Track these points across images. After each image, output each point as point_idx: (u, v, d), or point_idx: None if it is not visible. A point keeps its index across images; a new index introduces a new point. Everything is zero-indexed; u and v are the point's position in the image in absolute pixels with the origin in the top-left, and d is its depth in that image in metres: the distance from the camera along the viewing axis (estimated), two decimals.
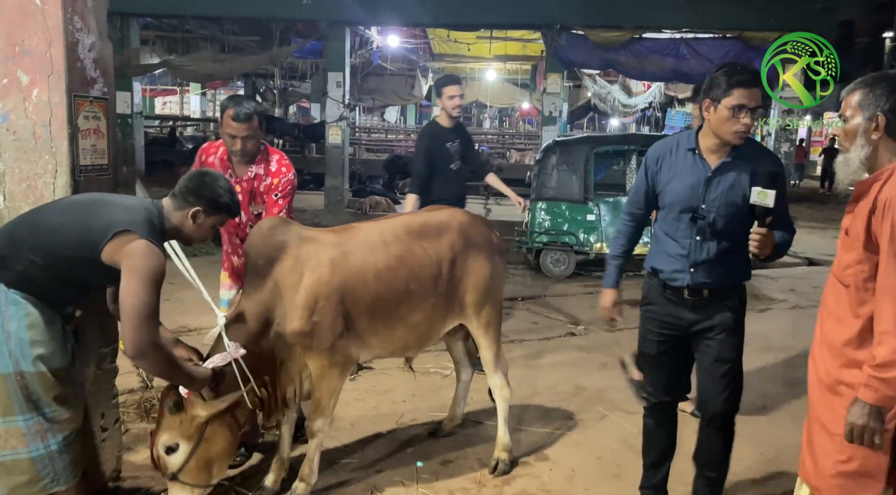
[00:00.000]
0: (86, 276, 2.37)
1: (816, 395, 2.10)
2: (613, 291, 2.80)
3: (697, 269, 2.53)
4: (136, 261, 2.21)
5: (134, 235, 2.24)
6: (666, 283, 2.59)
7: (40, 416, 2.28)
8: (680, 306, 2.58)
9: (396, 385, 4.33)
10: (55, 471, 2.32)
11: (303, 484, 2.90)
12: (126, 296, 2.19)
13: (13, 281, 2.26)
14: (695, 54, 10.62)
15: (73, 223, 2.28)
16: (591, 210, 8.24)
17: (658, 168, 2.63)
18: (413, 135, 22.44)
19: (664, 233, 2.62)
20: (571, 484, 3.18)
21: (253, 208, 3.20)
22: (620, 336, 5.65)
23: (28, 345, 2.23)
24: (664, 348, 2.66)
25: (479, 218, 3.37)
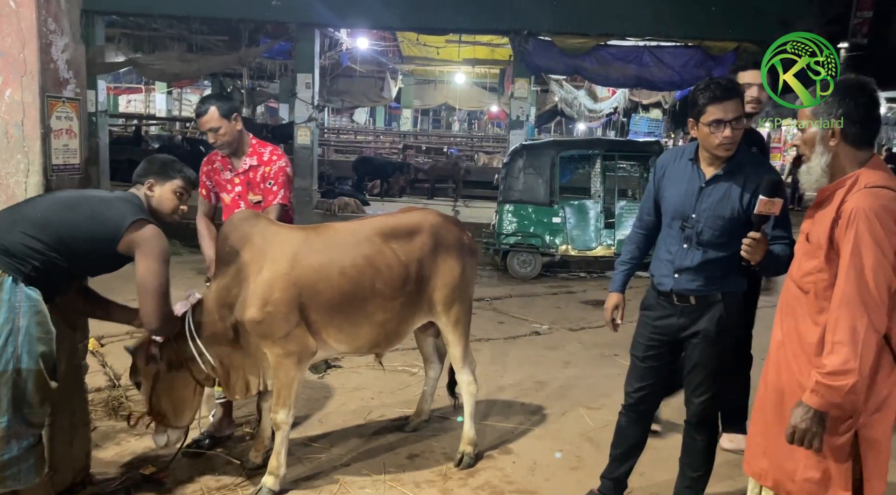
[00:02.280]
0: (93, 268, 2.59)
1: (775, 398, 2.13)
2: (616, 295, 2.86)
3: (681, 275, 2.59)
4: (152, 245, 2.50)
5: (144, 222, 2.52)
6: (657, 288, 2.69)
7: (21, 417, 2.31)
8: (670, 311, 2.65)
9: (365, 382, 4.41)
10: (19, 471, 2.35)
11: (272, 477, 2.97)
12: (148, 277, 2.48)
13: (31, 276, 2.32)
14: (657, 62, 10.90)
15: (87, 219, 2.47)
16: (556, 212, 8.41)
17: (662, 174, 2.71)
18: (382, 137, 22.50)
19: (660, 239, 2.73)
20: (533, 475, 3.30)
21: (252, 197, 3.40)
22: (583, 335, 5.83)
23: (35, 342, 2.30)
24: (651, 353, 2.74)
25: (450, 219, 3.48)
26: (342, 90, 19.30)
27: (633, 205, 8.45)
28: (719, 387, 2.69)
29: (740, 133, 2.48)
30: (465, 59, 18.16)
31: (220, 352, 2.96)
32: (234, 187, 3.49)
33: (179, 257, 8.31)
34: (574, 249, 8.42)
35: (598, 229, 8.44)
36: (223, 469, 3.21)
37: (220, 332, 2.94)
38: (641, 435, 2.90)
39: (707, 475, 2.78)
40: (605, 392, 4.42)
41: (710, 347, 2.62)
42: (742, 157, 2.56)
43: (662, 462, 3.32)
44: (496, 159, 16.93)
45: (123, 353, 3.59)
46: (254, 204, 3.42)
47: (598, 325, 6.12)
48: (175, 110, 25.29)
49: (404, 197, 14.98)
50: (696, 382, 2.68)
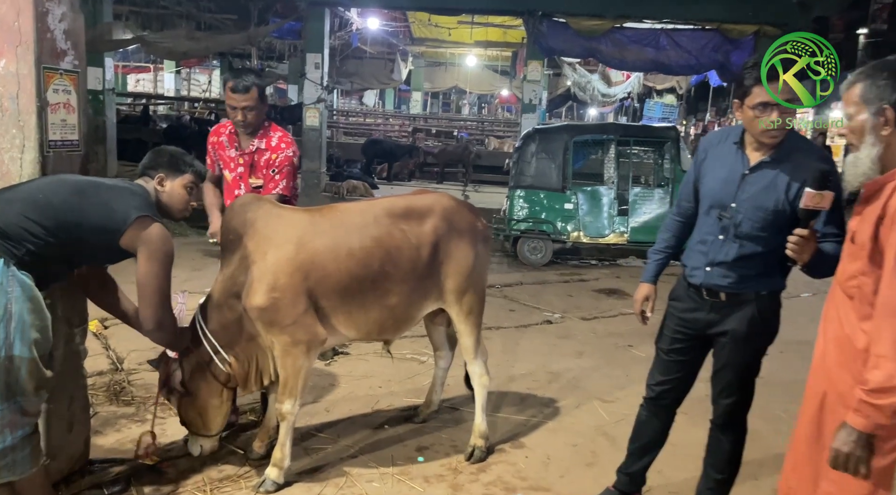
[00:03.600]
0: (91, 258, 2.46)
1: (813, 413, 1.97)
2: (647, 286, 2.69)
3: (713, 269, 2.42)
4: (157, 247, 2.38)
5: (150, 219, 2.39)
6: (688, 281, 2.53)
7: (15, 405, 2.20)
8: (699, 306, 2.50)
9: (373, 370, 4.30)
10: (14, 462, 2.24)
11: (275, 469, 2.86)
12: (148, 279, 2.37)
13: (24, 260, 2.19)
14: (674, 45, 10.65)
15: (94, 207, 2.34)
16: (569, 199, 8.26)
17: (704, 157, 2.51)
18: (391, 120, 22.31)
19: (696, 227, 2.55)
20: (547, 471, 3.19)
21: (252, 181, 3.29)
22: (596, 325, 5.70)
23: (28, 329, 2.18)
24: (676, 347, 2.59)
25: (464, 203, 3.34)
26: (352, 72, 19.11)
27: (647, 193, 8.29)
28: (748, 390, 2.54)
29: (790, 117, 2.28)
30: (476, 42, 17.89)
31: (234, 345, 2.85)
32: (236, 167, 3.37)
33: (185, 238, 8.22)
34: (586, 236, 8.27)
35: (611, 216, 8.27)
36: (226, 458, 3.11)
37: (232, 325, 2.83)
38: (662, 430, 2.77)
39: (732, 478, 2.65)
40: (620, 384, 4.29)
41: (739, 348, 2.46)
42: (793, 143, 2.35)
43: (682, 459, 3.19)
44: (507, 144, 16.74)
45: (127, 336, 3.51)
46: (253, 188, 3.30)
47: (611, 315, 5.99)
48: (183, 90, 25.13)
49: (413, 181, 14.83)
50: (724, 383, 2.52)
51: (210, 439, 2.93)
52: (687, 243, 2.61)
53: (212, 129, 3.49)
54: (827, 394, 1.94)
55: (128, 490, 2.79)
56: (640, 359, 4.77)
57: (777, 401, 3.77)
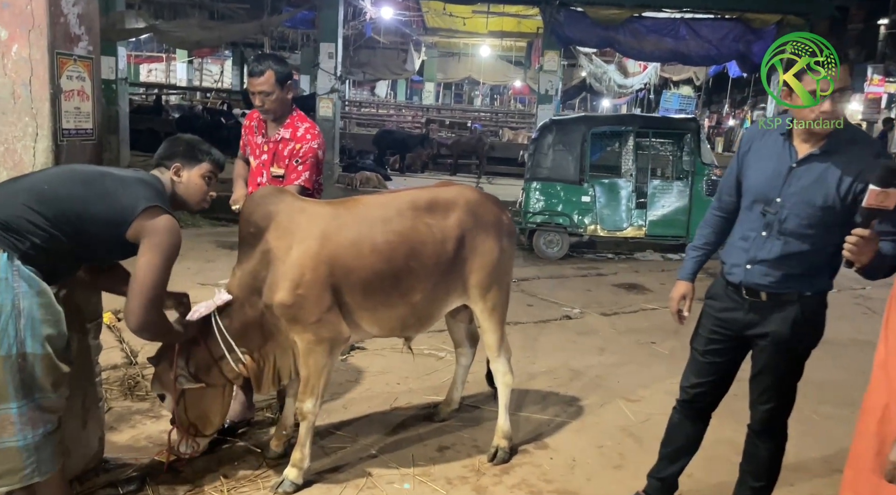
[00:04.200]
0: (101, 252, 2.33)
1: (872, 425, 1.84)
2: (685, 284, 2.55)
3: (755, 267, 2.30)
4: (161, 238, 2.24)
5: (159, 210, 2.27)
6: (726, 278, 2.41)
7: (33, 403, 2.13)
8: (737, 305, 2.37)
9: (390, 366, 4.21)
10: (38, 461, 2.17)
11: (295, 469, 2.78)
12: (144, 271, 2.22)
13: (29, 254, 2.10)
14: (694, 35, 10.45)
15: (98, 197, 2.22)
16: (586, 191, 8.12)
17: (748, 149, 2.37)
18: (404, 111, 22.17)
19: (737, 222, 2.43)
20: (573, 473, 3.08)
21: (274, 170, 3.22)
22: (617, 320, 5.58)
23: (40, 325, 2.09)
24: (712, 347, 2.47)
25: (489, 196, 3.23)
26: (364, 62, 18.98)
27: (666, 185, 8.14)
28: (789, 395, 2.42)
29: (843, 107, 2.14)
30: (491, 32, 17.69)
31: (250, 344, 2.74)
32: (261, 154, 3.31)
33: (198, 229, 8.15)
34: (603, 229, 8.14)
35: (629, 209, 8.14)
36: (243, 457, 3.03)
37: (250, 322, 2.71)
38: (696, 434, 2.65)
39: (770, 486, 2.53)
40: (644, 382, 4.18)
41: (780, 352, 2.32)
42: (847, 134, 2.20)
43: (713, 462, 3.09)
44: (521, 135, 16.59)
45: None
46: (274, 177, 3.22)
47: (631, 310, 5.86)
48: (196, 80, 25.10)
49: (427, 172, 14.72)
50: (762, 388, 2.40)
51: (205, 439, 2.80)
52: (728, 239, 2.48)
53: (247, 113, 3.49)
54: (889, 406, 1.81)
55: (143, 489, 2.71)
56: (664, 356, 4.66)
57: (808, 402, 3.64)
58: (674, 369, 4.33)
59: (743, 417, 2.56)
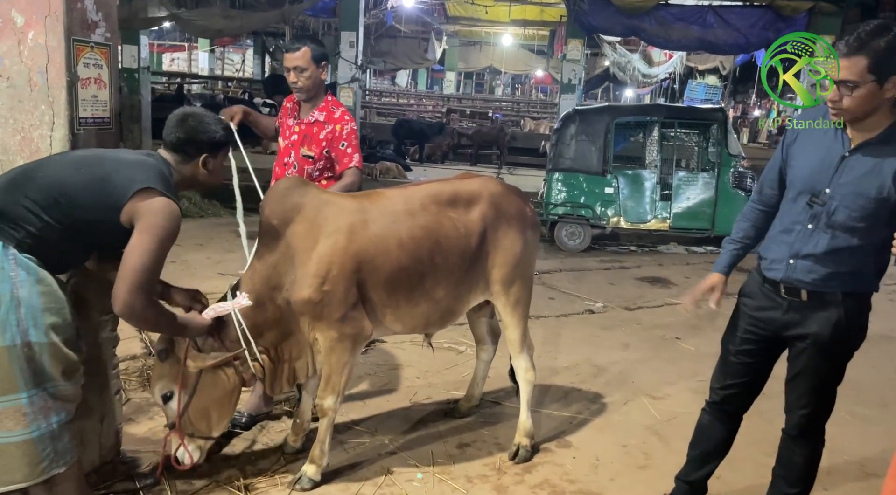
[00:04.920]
0: (98, 239, 2.22)
1: None
2: (718, 276, 2.41)
3: (797, 263, 2.17)
4: (154, 220, 2.10)
5: (154, 192, 2.12)
6: (764, 275, 2.27)
7: (44, 392, 2.09)
8: (774, 304, 2.25)
9: (410, 360, 4.15)
10: (55, 452, 2.14)
11: (313, 466, 2.73)
12: (132, 253, 2.07)
13: (25, 243, 2.05)
14: (722, 23, 10.20)
15: (91, 181, 2.12)
16: (609, 182, 8.00)
17: (794, 138, 2.24)
18: (425, 100, 22.05)
19: (777, 216, 2.31)
20: (596, 473, 3.00)
21: (304, 151, 3.22)
22: (641, 315, 5.47)
23: (41, 314, 2.04)
24: (745, 348, 2.35)
25: (512, 188, 3.14)
26: (385, 51, 18.87)
27: (691, 177, 7.98)
28: (828, 399, 2.31)
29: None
30: (513, 20, 17.48)
31: (268, 341, 2.66)
32: (291, 134, 3.28)
33: (219, 219, 8.17)
34: (626, 222, 8.00)
35: (654, 201, 7.99)
36: (260, 452, 2.99)
37: (268, 318, 2.63)
38: (726, 437, 2.55)
39: (805, 493, 2.43)
40: (670, 379, 4.08)
41: (820, 355, 2.21)
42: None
43: (742, 463, 2.99)
44: (543, 125, 16.40)
45: None
46: (304, 157, 3.21)
47: (655, 305, 5.75)
48: (217, 69, 25.18)
49: (447, 162, 14.62)
50: (800, 392, 2.29)
51: (210, 441, 2.63)
52: (768, 233, 2.36)
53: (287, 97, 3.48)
54: None
55: (159, 482, 2.68)
56: (689, 353, 4.55)
57: (842, 403, 3.50)
58: (699, 366, 4.25)
59: (771, 416, 2.48)
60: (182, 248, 6.70)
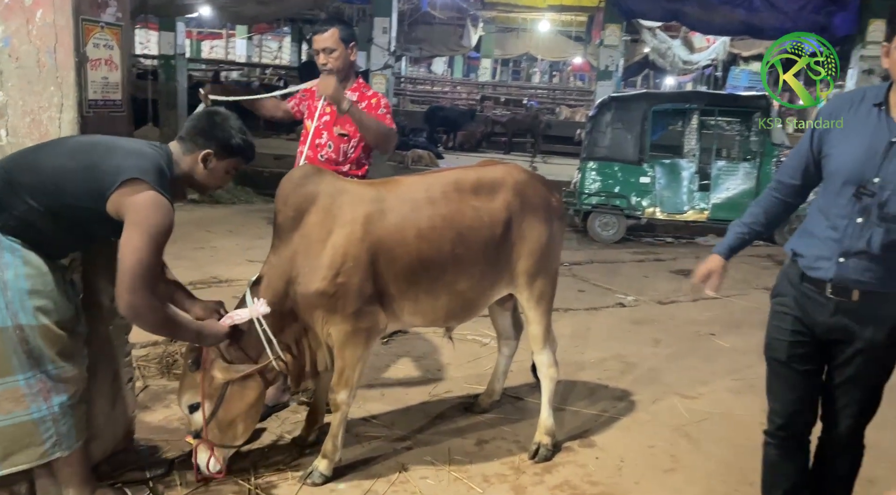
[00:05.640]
0: (89, 228, 2.16)
1: None
2: (718, 258, 2.26)
3: (849, 261, 1.98)
4: (142, 215, 2.01)
5: (143, 185, 2.03)
6: (805, 273, 2.08)
7: (42, 374, 2.08)
8: (818, 305, 2.05)
9: (431, 351, 4.06)
10: (58, 435, 2.13)
11: (325, 460, 2.65)
12: (126, 251, 2.00)
13: (8, 225, 2.03)
14: (768, 6, 9.75)
15: (80, 168, 2.06)
16: (645, 172, 7.78)
17: (830, 125, 2.05)
18: (459, 88, 21.84)
19: (817, 210, 2.10)
20: (620, 475, 2.87)
21: (337, 129, 3.17)
22: (675, 309, 5.27)
23: (27, 296, 2.03)
24: (798, 352, 2.12)
25: (537, 176, 3.02)
26: (420, 38, 18.69)
27: (731, 167, 7.70)
28: (875, 404, 2.12)
29: None
30: (550, 6, 17.12)
31: (288, 337, 2.57)
32: (322, 115, 3.21)
33: (250, 205, 8.18)
34: (663, 212, 7.77)
35: (691, 191, 7.74)
36: (274, 444, 2.93)
37: (288, 314, 2.53)
38: (800, 468, 2.25)
39: None
40: (703, 378, 3.90)
41: (873, 361, 2.03)
42: None
43: None
44: (579, 113, 16.08)
45: None
46: (338, 136, 3.15)
47: (690, 299, 5.53)
48: (255, 57, 25.35)
49: (480, 150, 14.46)
50: (848, 400, 2.09)
51: (232, 449, 2.59)
52: (802, 229, 2.16)
53: None
54: None
55: (170, 473, 2.64)
56: (725, 350, 4.35)
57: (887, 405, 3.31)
58: (735, 364, 4.06)
59: None
60: (213, 235, 6.72)
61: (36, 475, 2.26)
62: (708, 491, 2.81)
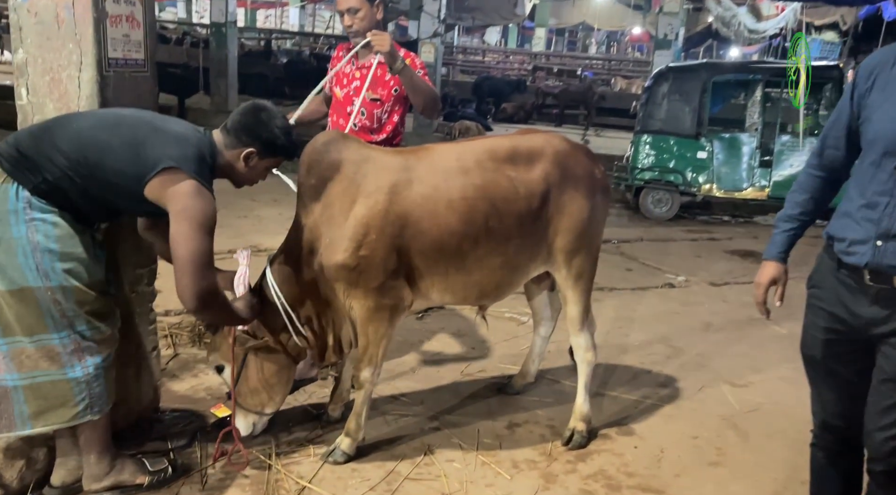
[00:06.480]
0: (121, 203, 2.13)
1: None
2: (774, 265, 2.04)
3: (889, 243, 1.72)
4: (186, 204, 2.00)
5: (183, 174, 2.01)
6: (841, 260, 1.84)
7: (77, 334, 2.07)
8: (857, 295, 1.80)
9: (467, 328, 3.92)
10: (91, 396, 2.12)
11: (348, 439, 2.56)
12: (179, 244, 1.99)
13: (40, 189, 2.00)
14: None
15: (122, 146, 2.02)
16: (702, 147, 7.40)
17: (870, 85, 1.77)
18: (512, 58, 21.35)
19: (853, 186, 1.83)
20: (659, 467, 2.69)
21: (370, 95, 3.04)
22: (728, 292, 5.00)
23: (58, 259, 2.01)
24: (836, 350, 1.90)
25: (580, 147, 2.80)
26: (472, 6, 18.28)
27: (796, 143, 7.24)
28: None
29: None
30: None
31: (309, 311, 2.49)
32: (351, 82, 3.08)
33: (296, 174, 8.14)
34: (720, 189, 7.39)
35: (752, 168, 7.34)
36: (299, 419, 2.85)
37: (309, 286, 2.45)
38: (848, 477, 2.04)
39: None
40: (755, 366, 3.66)
41: None
42: None
43: None
44: (635, 85, 15.52)
45: None
46: (370, 100, 3.02)
47: (745, 281, 5.23)
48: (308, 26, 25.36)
49: (530, 122, 14.11)
50: (886, 404, 1.78)
51: (266, 416, 2.57)
52: (839, 209, 1.89)
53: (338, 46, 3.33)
54: None
55: (192, 444, 2.59)
56: (781, 336, 4.07)
57: None
58: (790, 352, 3.74)
59: None
60: (257, 203, 6.72)
61: (58, 436, 2.24)
62: (755, 488, 2.61)
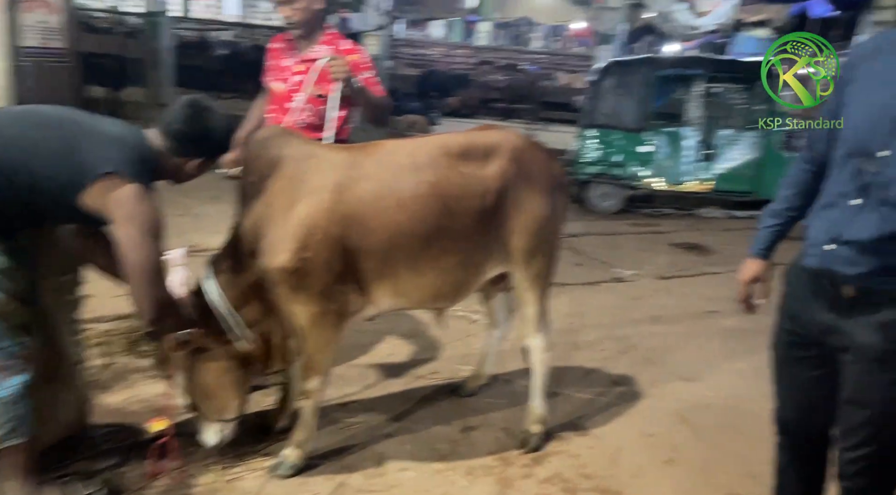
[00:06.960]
0: (47, 211, 1.97)
1: None
2: (757, 262, 1.95)
3: (841, 248, 1.61)
4: (132, 210, 1.88)
5: (121, 179, 1.88)
6: (801, 261, 1.76)
7: (1, 352, 1.91)
8: (815, 299, 1.70)
9: (418, 329, 3.82)
10: (16, 418, 1.96)
11: (296, 451, 2.44)
12: (130, 252, 1.88)
13: None
14: None
15: (52, 149, 1.86)
16: (646, 140, 7.49)
17: (853, 76, 1.64)
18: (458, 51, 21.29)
19: (825, 183, 1.72)
20: (616, 467, 2.66)
21: (314, 90, 2.81)
22: (675, 285, 5.05)
23: None
24: (796, 354, 1.81)
25: (537, 143, 2.73)
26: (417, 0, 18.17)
27: (737, 137, 7.40)
28: (890, 438, 1.64)
29: None
30: None
31: (254, 315, 2.35)
32: (291, 75, 2.89)
33: None
34: (664, 183, 7.50)
35: (694, 161, 7.46)
36: (245, 429, 2.68)
37: (252, 289, 2.31)
38: (809, 480, 1.94)
39: None
40: (706, 359, 3.69)
41: (871, 373, 1.61)
42: None
43: None
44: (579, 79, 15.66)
45: None
46: (315, 97, 2.83)
47: (691, 274, 5.32)
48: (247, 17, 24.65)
49: (477, 117, 14.09)
50: (849, 425, 1.67)
51: (229, 423, 2.41)
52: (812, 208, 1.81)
53: (271, 40, 3.11)
54: None
55: (125, 463, 2.41)
56: (729, 330, 4.12)
57: None
58: (741, 345, 3.83)
59: None
60: (195, 201, 6.42)
61: None
62: (709, 484, 2.61)
